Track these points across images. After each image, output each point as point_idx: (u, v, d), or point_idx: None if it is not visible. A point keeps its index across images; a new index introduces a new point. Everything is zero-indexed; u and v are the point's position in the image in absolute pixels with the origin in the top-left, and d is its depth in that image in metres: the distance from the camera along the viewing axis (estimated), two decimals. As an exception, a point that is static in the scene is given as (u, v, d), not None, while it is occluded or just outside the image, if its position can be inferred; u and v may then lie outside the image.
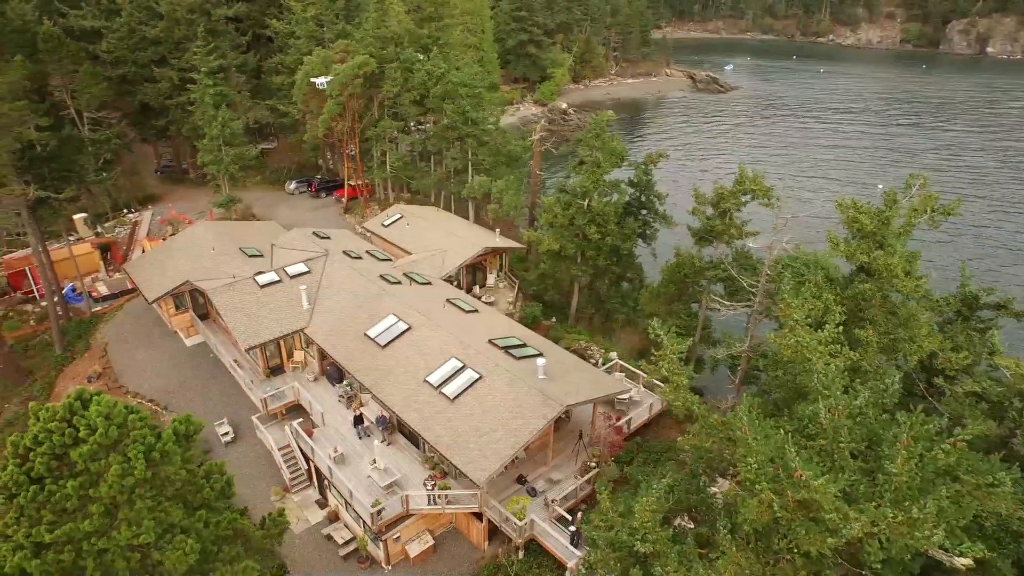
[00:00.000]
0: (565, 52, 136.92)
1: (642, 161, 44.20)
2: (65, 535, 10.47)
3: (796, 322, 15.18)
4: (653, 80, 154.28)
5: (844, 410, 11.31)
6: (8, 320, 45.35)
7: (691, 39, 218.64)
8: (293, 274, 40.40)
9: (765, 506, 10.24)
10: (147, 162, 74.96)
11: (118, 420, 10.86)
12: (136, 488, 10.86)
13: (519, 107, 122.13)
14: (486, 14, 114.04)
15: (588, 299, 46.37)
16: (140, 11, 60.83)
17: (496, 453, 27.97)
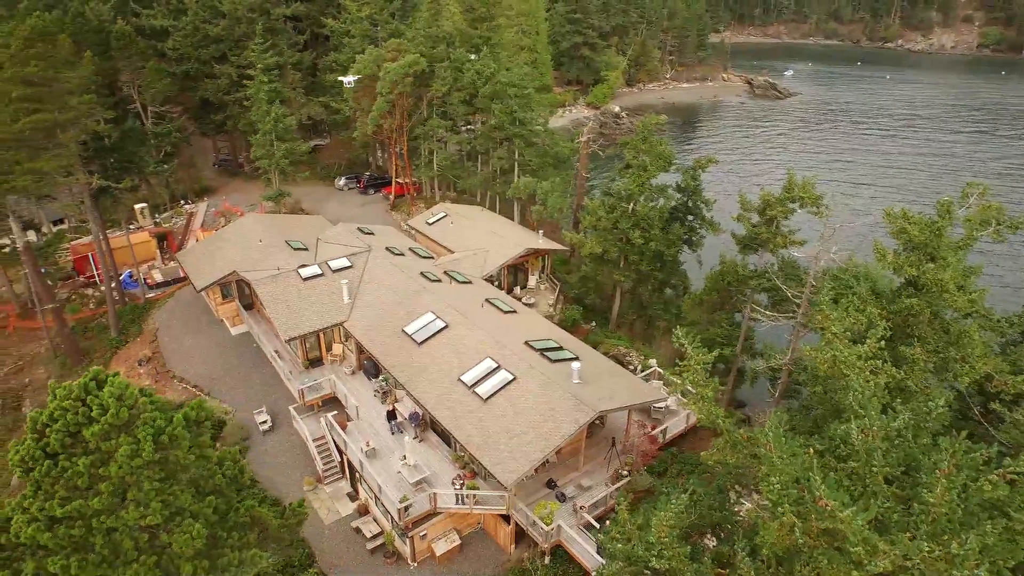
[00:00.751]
0: (619, 55, 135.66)
1: (690, 166, 43.19)
2: (76, 511, 10.70)
3: (834, 335, 14.36)
4: (709, 85, 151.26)
5: (879, 431, 10.58)
6: (70, 303, 47.43)
7: (751, 44, 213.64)
8: (336, 268, 40.96)
9: (786, 530, 9.63)
10: (206, 156, 77.46)
11: (129, 402, 11.05)
12: (145, 470, 11.03)
13: (571, 109, 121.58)
14: (541, 16, 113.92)
15: (630, 304, 45.58)
16: (204, 10, 62.94)
17: (525, 456, 27.67)
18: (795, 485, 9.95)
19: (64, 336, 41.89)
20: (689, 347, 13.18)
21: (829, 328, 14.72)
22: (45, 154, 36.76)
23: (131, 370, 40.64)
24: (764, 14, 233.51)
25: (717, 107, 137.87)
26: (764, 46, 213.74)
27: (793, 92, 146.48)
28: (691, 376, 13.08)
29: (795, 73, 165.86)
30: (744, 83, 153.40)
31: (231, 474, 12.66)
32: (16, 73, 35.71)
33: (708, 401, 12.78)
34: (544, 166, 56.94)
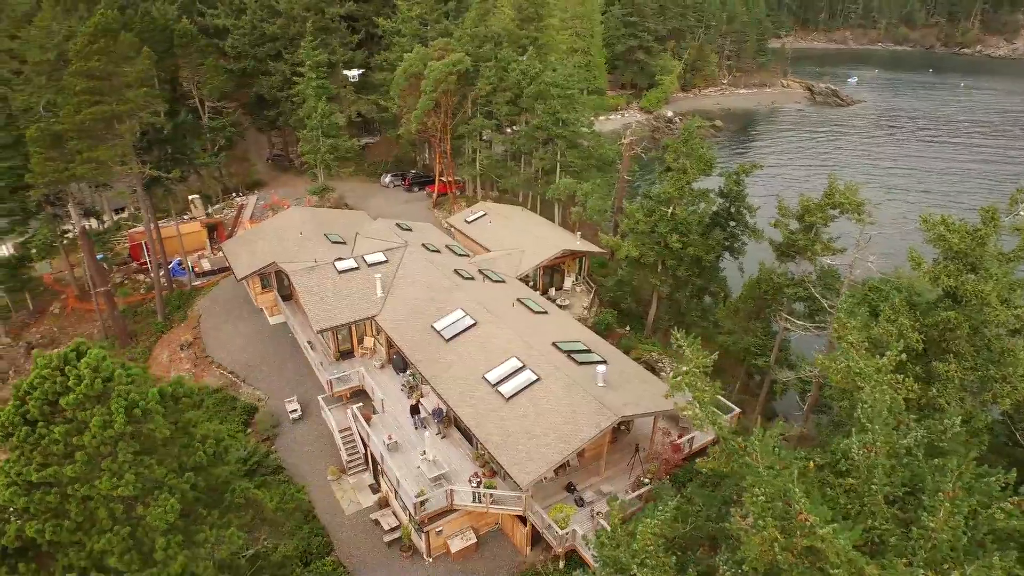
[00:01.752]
0: (675, 59, 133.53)
1: (734, 170, 42.02)
2: (51, 477, 11.01)
3: (851, 344, 13.56)
4: (767, 91, 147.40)
5: (883, 447, 9.87)
6: (122, 287, 49.50)
7: (814, 50, 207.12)
8: (371, 262, 41.44)
9: (767, 545, 9.06)
10: (260, 150, 79.78)
11: (104, 374, 11.31)
12: (119, 441, 11.27)
13: (623, 113, 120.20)
14: (596, 18, 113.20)
15: (667, 310, 44.63)
16: (262, 9, 64.87)
17: (543, 457, 27.33)
18: (782, 498, 9.38)
19: (114, 318, 43.72)
20: (687, 349, 12.66)
21: (845, 337, 13.92)
22: (103, 144, 38.42)
23: (173, 354, 42.07)
24: (829, 19, 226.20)
25: (774, 114, 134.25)
26: (828, 52, 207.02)
27: (856, 99, 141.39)
28: (688, 379, 12.55)
29: (859, 80, 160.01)
30: (804, 90, 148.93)
31: (213, 452, 12.83)
32: (81, 67, 37.49)
33: (707, 406, 12.23)
34: (587, 168, 56.39)
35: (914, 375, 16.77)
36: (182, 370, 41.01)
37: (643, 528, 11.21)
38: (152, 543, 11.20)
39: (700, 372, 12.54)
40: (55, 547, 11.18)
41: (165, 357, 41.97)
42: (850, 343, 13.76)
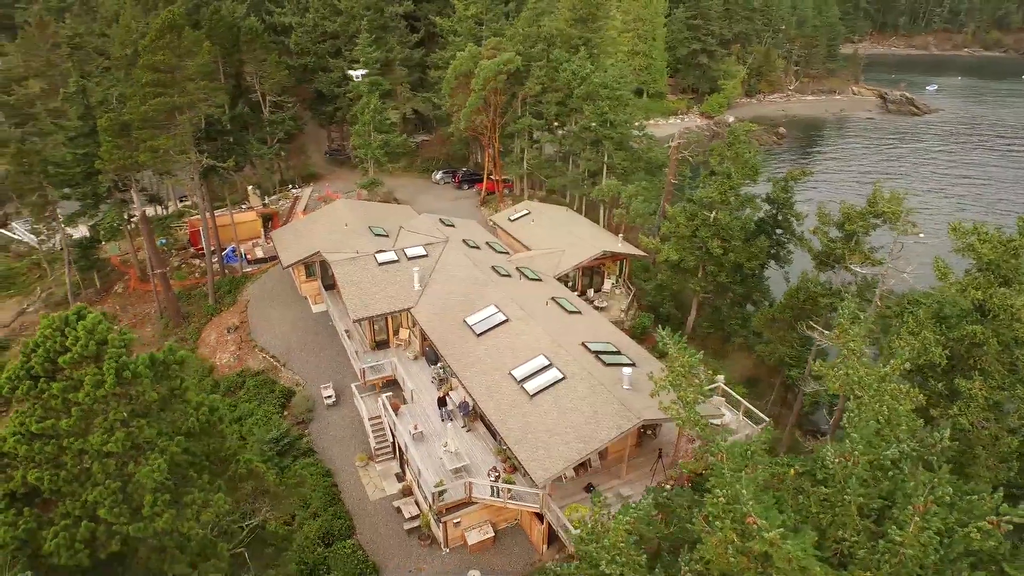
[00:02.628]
0: (739, 64, 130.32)
1: (782, 177, 40.90)
2: (49, 429, 11.79)
3: (851, 351, 13.03)
4: (836, 98, 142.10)
5: (862, 457, 9.48)
6: (179, 270, 52.01)
7: (892, 55, 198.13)
8: (411, 256, 42.23)
9: (723, 547, 8.83)
10: (320, 144, 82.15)
11: (99, 336, 12.01)
12: (111, 400, 11.97)
13: (683, 117, 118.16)
14: (659, 21, 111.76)
15: (706, 317, 43.76)
16: (324, 8, 66.92)
17: (561, 456, 27.30)
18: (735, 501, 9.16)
19: (169, 300, 45.98)
20: (673, 348, 12.44)
21: (847, 344, 13.40)
22: (164, 133, 40.48)
23: (220, 336, 43.90)
24: (911, 23, 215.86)
25: (842, 122, 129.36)
26: (908, 58, 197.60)
27: (934, 108, 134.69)
28: (673, 378, 12.35)
29: (940, 87, 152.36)
30: (876, 97, 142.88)
31: (206, 420, 13.44)
32: (148, 61, 39.63)
33: (691, 406, 12.00)
34: (635, 170, 55.83)
35: (936, 392, 15.97)
36: (227, 352, 42.78)
37: (615, 524, 11.14)
38: (141, 499, 11.89)
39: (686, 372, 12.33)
40: (55, 495, 12.03)
41: (213, 339, 43.85)
42: (851, 350, 13.23)
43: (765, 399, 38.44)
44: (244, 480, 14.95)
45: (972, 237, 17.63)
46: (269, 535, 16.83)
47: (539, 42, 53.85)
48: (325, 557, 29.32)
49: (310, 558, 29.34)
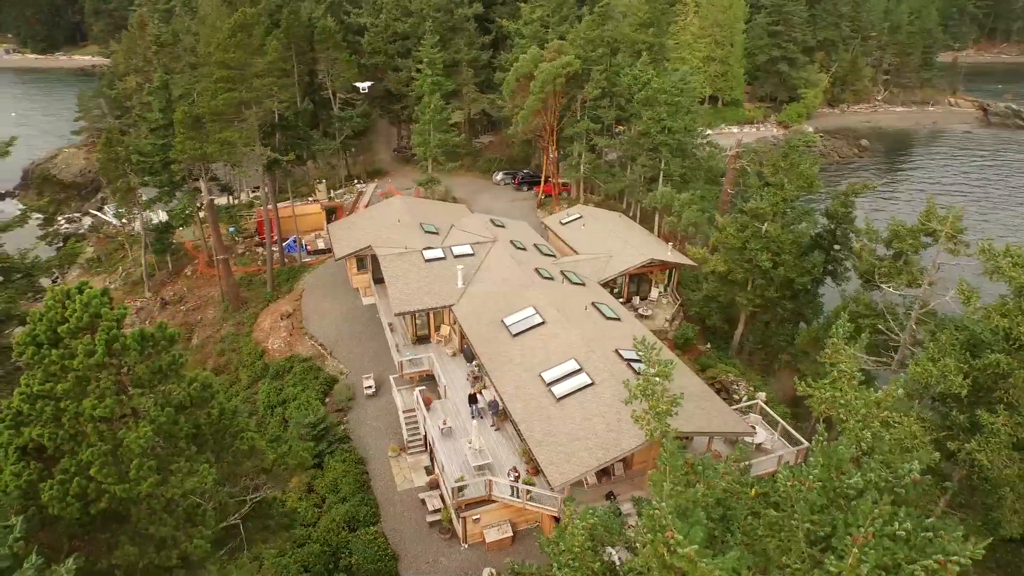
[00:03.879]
0: (822, 72, 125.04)
1: (842, 190, 39.20)
2: (48, 391, 12.85)
3: (841, 373, 12.37)
4: (930, 110, 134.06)
5: (815, 483, 9.06)
6: (242, 257, 54.72)
7: (1000, 63, 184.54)
8: (457, 254, 42.91)
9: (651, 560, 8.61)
10: (389, 142, 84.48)
11: (93, 310, 12.95)
12: (103, 369, 12.91)
13: (758, 126, 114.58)
14: (738, 27, 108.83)
15: (754, 332, 42.39)
16: (397, 9, 68.87)
17: (581, 461, 27.19)
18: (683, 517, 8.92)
19: (230, 285, 48.48)
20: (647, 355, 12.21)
21: (837, 364, 12.75)
22: (231, 127, 42.73)
23: (274, 322, 45.89)
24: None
25: (935, 135, 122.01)
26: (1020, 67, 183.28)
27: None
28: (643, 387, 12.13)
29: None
30: (976, 109, 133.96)
31: (196, 393, 14.25)
32: (220, 57, 41.98)
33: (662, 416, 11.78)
34: (695, 178, 54.78)
35: (957, 424, 14.99)
36: (279, 338, 44.69)
37: (572, 528, 11.07)
38: (129, 463, 12.80)
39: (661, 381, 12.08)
40: (57, 452, 13.13)
41: (267, 324, 45.90)
42: (841, 371, 12.59)
43: (811, 420, 36.89)
44: (246, 456, 15.76)
45: (1004, 259, 16.26)
46: (273, 511, 17.61)
47: (600, 46, 53.56)
48: (348, 541, 30.19)
49: (334, 540, 30.31)
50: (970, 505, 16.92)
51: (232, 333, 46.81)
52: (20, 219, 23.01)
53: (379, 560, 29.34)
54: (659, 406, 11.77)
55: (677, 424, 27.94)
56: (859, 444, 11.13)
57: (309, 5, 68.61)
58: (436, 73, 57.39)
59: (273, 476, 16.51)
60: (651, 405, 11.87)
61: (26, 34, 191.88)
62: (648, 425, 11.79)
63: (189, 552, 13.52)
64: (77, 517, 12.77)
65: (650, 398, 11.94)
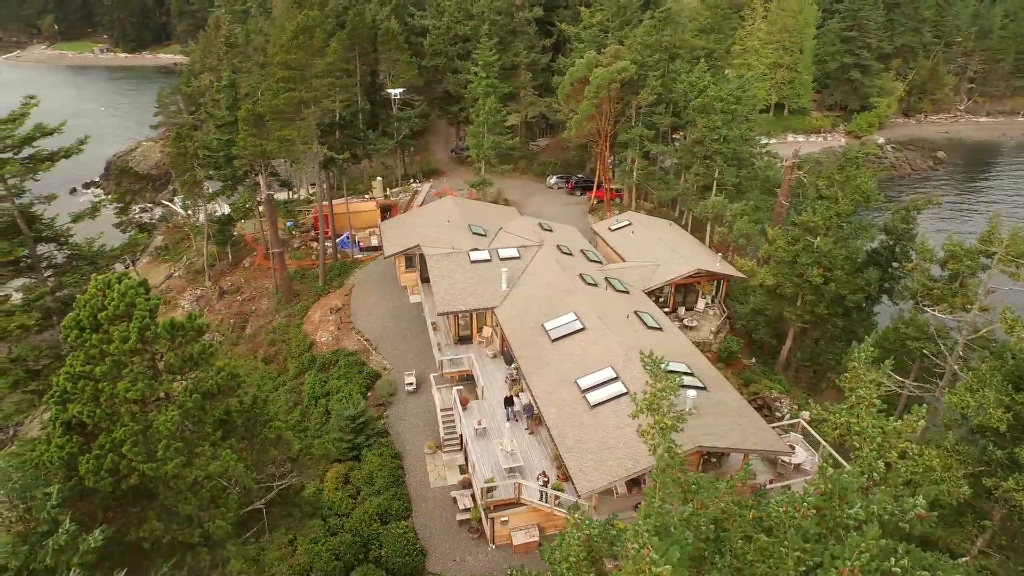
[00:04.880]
0: (899, 80, 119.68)
1: (903, 205, 37.62)
2: (88, 372, 13.78)
3: (860, 398, 11.89)
4: (1019, 120, 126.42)
5: (809, 509, 8.81)
6: (297, 251, 56.60)
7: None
8: (503, 257, 43.25)
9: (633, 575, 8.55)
10: (448, 142, 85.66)
11: (128, 299, 13.75)
12: (135, 355, 13.72)
13: (826, 136, 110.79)
14: (808, 33, 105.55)
15: (803, 349, 41.10)
16: (458, 11, 69.87)
17: (609, 471, 27.03)
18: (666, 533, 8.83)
19: (283, 277, 50.25)
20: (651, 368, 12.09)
21: (856, 390, 12.27)
22: (290, 125, 44.32)
23: (324, 316, 47.30)
24: None
25: (1023, 148, 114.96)
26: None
27: None
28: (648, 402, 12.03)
29: None
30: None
31: (222, 381, 14.96)
32: (282, 58, 43.61)
33: (667, 432, 11.66)
34: (751, 188, 53.52)
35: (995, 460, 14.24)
36: (327, 331, 46.03)
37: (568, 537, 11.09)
38: (157, 443, 13.60)
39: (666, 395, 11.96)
40: (96, 429, 14.07)
41: (317, 317, 47.36)
42: (860, 396, 12.11)
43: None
44: (272, 445, 16.46)
45: None
46: (298, 499, 18.30)
47: (658, 51, 52.96)
48: (379, 533, 30.86)
49: (366, 531, 31.04)
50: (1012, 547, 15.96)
51: (283, 324, 48.50)
52: (91, 210, 24.68)
53: (407, 554, 29.89)
54: (664, 421, 11.68)
55: (711, 440, 27.69)
56: (871, 474, 10.75)
57: (374, 7, 70.41)
58: (492, 76, 57.94)
59: (299, 465, 17.16)
60: (656, 420, 11.79)
61: (119, 34, 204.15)
62: (652, 440, 11.69)
63: (211, 531, 14.24)
64: (110, 491, 13.68)
65: (655, 412, 11.85)
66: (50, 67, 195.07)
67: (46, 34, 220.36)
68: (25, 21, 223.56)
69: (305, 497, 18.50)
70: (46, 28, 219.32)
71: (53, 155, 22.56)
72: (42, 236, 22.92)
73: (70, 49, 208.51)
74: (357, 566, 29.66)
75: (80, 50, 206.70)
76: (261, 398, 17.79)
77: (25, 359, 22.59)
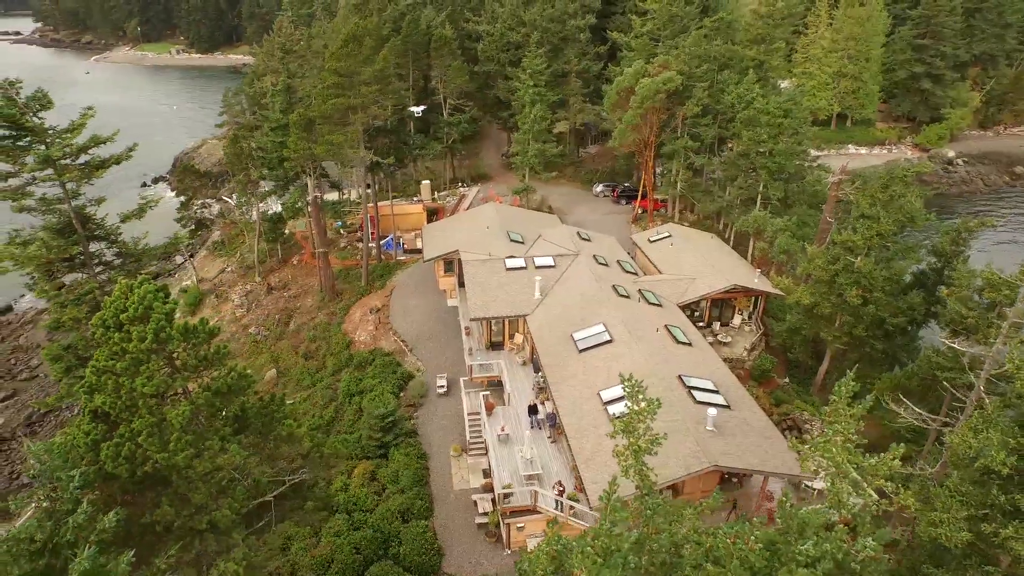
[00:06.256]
0: (977, 90, 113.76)
1: (954, 227, 36.23)
2: (110, 367, 14.98)
3: (837, 432, 11.73)
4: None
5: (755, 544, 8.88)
6: (343, 251, 58.40)
7: None
8: (538, 265, 43.65)
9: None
10: (500, 147, 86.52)
11: (147, 303, 14.86)
12: (152, 353, 14.80)
13: (890, 148, 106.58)
14: (876, 41, 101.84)
15: (841, 370, 39.91)
16: (511, 18, 70.64)
17: (624, 484, 27.04)
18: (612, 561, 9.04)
19: (326, 277, 52.01)
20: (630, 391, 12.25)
21: (834, 425, 12.11)
22: (338, 130, 45.92)
23: (364, 315, 48.74)
24: None
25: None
26: None
27: None
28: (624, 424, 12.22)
29: None
30: None
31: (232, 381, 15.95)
32: (332, 65, 45.23)
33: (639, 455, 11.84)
34: (798, 203, 52.32)
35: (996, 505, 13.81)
36: (366, 331, 47.42)
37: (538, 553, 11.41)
38: (170, 435, 14.68)
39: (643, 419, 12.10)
40: (117, 419, 15.30)
41: (357, 316, 48.84)
42: (836, 431, 11.95)
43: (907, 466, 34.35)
44: (284, 441, 17.42)
45: None
46: (309, 493, 19.24)
47: (706, 62, 52.36)
48: (399, 531, 31.72)
49: (387, 528, 31.95)
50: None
51: (325, 322, 50.20)
52: (138, 211, 26.47)
53: (425, 553, 30.64)
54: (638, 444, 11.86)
55: (728, 460, 27.42)
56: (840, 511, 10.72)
57: (430, 13, 71.85)
58: (539, 84, 58.40)
59: (310, 461, 18.08)
60: (631, 442, 11.97)
61: (194, 36, 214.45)
62: (626, 461, 11.90)
63: (217, 519, 15.25)
64: (128, 476, 14.86)
65: (630, 435, 12.04)
66: (133, 67, 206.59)
67: (130, 36, 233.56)
68: (113, 25, 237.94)
69: (316, 492, 19.40)
70: (131, 31, 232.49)
71: (105, 162, 24.34)
72: (95, 235, 24.82)
73: (150, 50, 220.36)
74: (376, 561, 30.58)
75: (159, 51, 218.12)
76: (279, 396, 18.77)
77: (76, 347, 24.38)
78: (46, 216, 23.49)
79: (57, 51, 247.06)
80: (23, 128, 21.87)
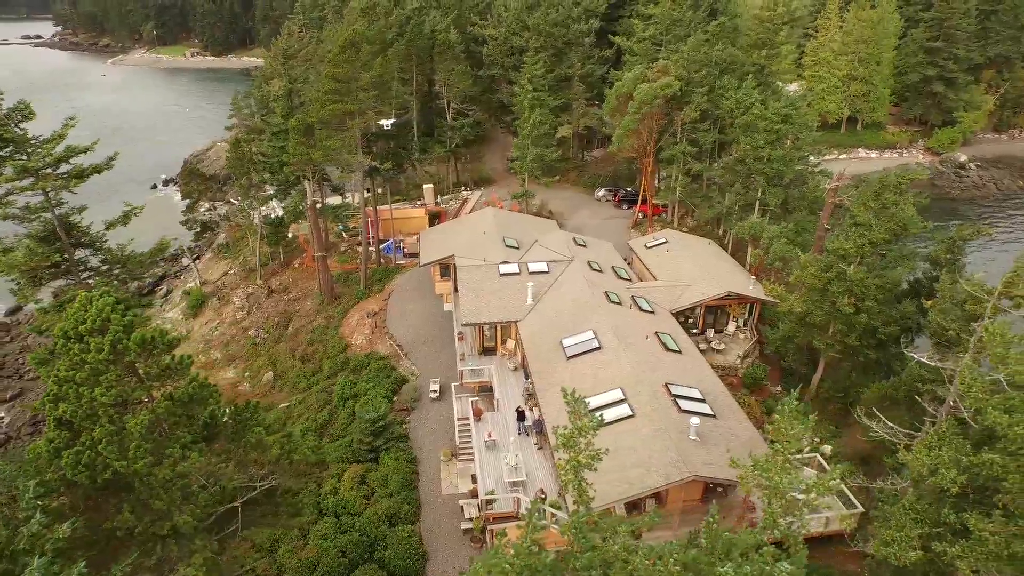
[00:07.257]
0: (991, 93, 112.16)
1: (950, 235, 35.84)
2: (71, 377, 15.32)
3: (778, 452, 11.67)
4: None
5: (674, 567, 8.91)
6: (343, 254, 58.82)
7: None
8: (532, 271, 43.77)
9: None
10: (506, 152, 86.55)
11: (104, 316, 15.18)
12: (110, 364, 15.10)
13: (901, 152, 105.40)
14: (888, 44, 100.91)
15: (834, 379, 39.67)
16: (516, 23, 70.79)
17: (602, 493, 26.94)
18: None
19: (325, 280, 52.42)
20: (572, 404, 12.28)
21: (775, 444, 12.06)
22: (336, 135, 46.31)
23: (361, 319, 49.07)
24: None
25: None
26: None
27: None
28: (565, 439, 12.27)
29: None
30: None
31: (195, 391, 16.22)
32: (331, 71, 45.63)
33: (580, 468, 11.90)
34: (798, 209, 51.91)
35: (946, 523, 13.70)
36: (363, 334, 47.75)
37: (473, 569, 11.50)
38: (129, 443, 14.99)
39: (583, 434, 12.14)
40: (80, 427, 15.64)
41: (355, 320, 49.18)
42: (777, 449, 11.87)
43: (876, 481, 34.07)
44: (253, 448, 17.67)
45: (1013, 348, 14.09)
46: (280, 499, 19.48)
47: (706, 66, 52.16)
48: (385, 535, 31.94)
49: (373, 532, 32.19)
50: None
51: (322, 325, 50.59)
52: (123, 219, 26.97)
53: (409, 558, 30.85)
54: (578, 458, 11.93)
55: (709, 471, 27.34)
56: (775, 531, 10.71)
57: (436, 17, 72.11)
58: (538, 89, 58.48)
59: (279, 467, 18.32)
60: (571, 456, 12.04)
61: (209, 39, 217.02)
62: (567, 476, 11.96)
63: (179, 525, 15.52)
64: (89, 483, 15.18)
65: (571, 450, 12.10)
66: (149, 69, 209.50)
67: (146, 39, 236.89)
68: (129, 28, 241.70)
69: (287, 498, 19.64)
70: (147, 34, 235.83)
71: (83, 172, 24.85)
72: (79, 242, 25.30)
73: (165, 53, 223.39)
74: (361, 565, 30.82)
75: (174, 54, 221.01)
76: (252, 403, 19.03)
77: (61, 352, 24.77)
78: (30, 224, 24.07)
79: (75, 54, 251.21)
80: (2, 139, 22.46)
